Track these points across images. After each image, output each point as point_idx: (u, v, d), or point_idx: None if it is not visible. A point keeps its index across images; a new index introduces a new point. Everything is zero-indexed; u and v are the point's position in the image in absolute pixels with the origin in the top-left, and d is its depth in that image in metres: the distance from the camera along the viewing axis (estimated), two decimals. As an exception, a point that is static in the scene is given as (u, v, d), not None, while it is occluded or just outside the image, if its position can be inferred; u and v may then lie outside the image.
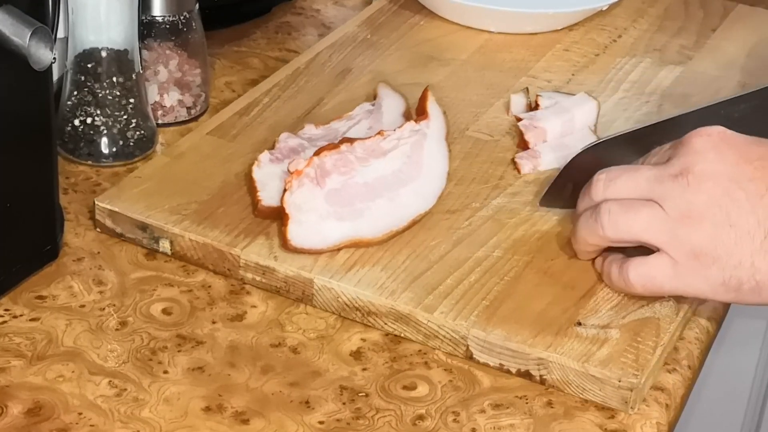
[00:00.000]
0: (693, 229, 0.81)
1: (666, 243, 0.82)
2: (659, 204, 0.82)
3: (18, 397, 0.78)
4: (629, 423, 0.80)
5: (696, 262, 0.81)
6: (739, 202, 0.80)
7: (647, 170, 0.84)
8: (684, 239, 0.81)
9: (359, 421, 0.78)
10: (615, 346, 0.82)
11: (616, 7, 1.27)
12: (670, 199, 0.82)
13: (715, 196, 0.81)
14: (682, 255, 0.81)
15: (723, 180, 0.81)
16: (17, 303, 0.85)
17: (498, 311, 0.84)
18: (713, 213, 0.81)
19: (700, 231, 0.81)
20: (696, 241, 0.81)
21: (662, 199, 0.82)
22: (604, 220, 0.84)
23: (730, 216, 0.80)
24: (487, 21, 1.20)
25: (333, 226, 0.89)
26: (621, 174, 0.85)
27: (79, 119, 0.99)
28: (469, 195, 0.96)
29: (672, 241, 0.82)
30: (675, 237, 0.81)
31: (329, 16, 1.27)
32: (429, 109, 0.98)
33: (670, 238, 0.82)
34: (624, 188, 0.84)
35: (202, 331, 0.84)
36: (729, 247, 0.80)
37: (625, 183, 0.84)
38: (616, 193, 0.84)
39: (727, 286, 0.81)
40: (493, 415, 0.79)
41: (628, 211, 0.83)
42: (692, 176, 0.81)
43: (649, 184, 0.83)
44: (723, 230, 0.80)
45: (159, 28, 1.04)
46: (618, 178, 0.85)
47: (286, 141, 0.97)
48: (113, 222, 0.91)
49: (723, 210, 0.81)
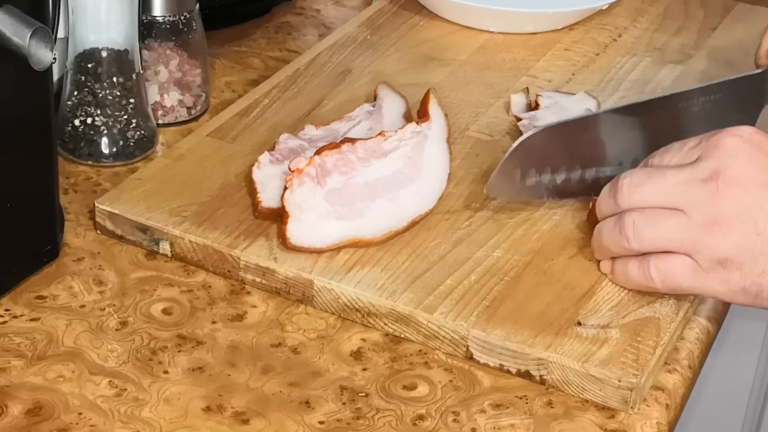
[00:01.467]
0: (720, 236, 0.80)
1: (691, 249, 0.81)
2: (685, 212, 0.81)
3: (18, 397, 0.78)
4: (629, 423, 0.80)
5: (720, 268, 0.81)
6: (767, 210, 0.80)
7: (674, 174, 0.82)
8: (710, 247, 0.80)
9: (359, 421, 0.78)
10: (615, 346, 0.82)
11: (616, 6, 1.27)
12: (698, 206, 0.81)
13: (744, 204, 0.80)
14: (706, 261, 0.81)
15: (753, 186, 0.80)
16: (17, 303, 0.85)
17: (498, 311, 0.84)
18: (741, 220, 0.80)
19: (727, 239, 0.80)
20: (722, 249, 0.80)
21: (690, 207, 0.81)
22: (629, 232, 0.83)
23: (758, 224, 0.80)
24: (487, 21, 1.20)
25: (333, 225, 0.89)
26: (646, 179, 0.83)
27: (79, 119, 0.99)
28: (469, 195, 0.96)
29: (697, 247, 0.81)
30: (701, 244, 0.81)
31: (329, 17, 1.27)
32: (431, 111, 0.98)
33: (695, 244, 0.81)
34: (650, 195, 0.83)
35: (203, 331, 0.84)
36: (755, 255, 0.80)
37: (652, 189, 0.83)
38: (642, 200, 0.83)
39: (746, 291, 0.81)
40: (493, 415, 0.79)
41: (654, 224, 0.82)
42: (722, 181, 0.80)
43: (676, 190, 0.81)
44: (749, 238, 0.80)
45: (159, 28, 1.05)
46: (643, 184, 0.83)
47: (286, 142, 0.97)
48: (113, 224, 0.91)
49: (751, 217, 0.80)
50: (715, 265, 0.81)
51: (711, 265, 0.81)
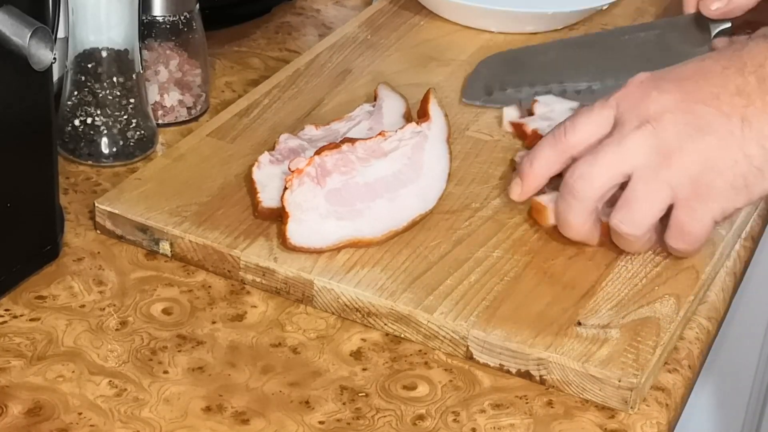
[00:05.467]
0: (681, 163, 0.82)
1: (669, 197, 0.83)
2: (637, 168, 0.83)
3: (18, 397, 0.78)
4: (629, 423, 0.80)
5: (703, 188, 0.82)
6: (701, 113, 0.82)
7: (609, 147, 0.84)
8: (681, 175, 0.82)
9: (359, 421, 0.78)
10: (615, 346, 0.82)
11: (616, 6, 1.27)
12: (645, 155, 0.83)
13: (681, 122, 0.82)
14: (687, 190, 0.83)
15: (677, 105, 0.83)
16: (17, 303, 0.85)
17: (498, 311, 0.84)
18: (688, 137, 0.82)
19: (688, 161, 0.82)
20: (691, 169, 0.82)
21: (638, 161, 0.83)
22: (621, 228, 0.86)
23: (703, 128, 0.82)
24: (487, 21, 1.20)
25: (333, 225, 0.89)
26: (590, 169, 0.85)
27: (79, 119, 0.99)
28: (469, 195, 0.96)
29: (673, 185, 0.83)
30: (673, 181, 0.83)
31: (329, 17, 1.27)
32: (431, 111, 0.98)
33: (668, 185, 0.83)
34: (600, 180, 0.85)
35: (202, 331, 0.84)
36: (719, 154, 0.82)
37: (599, 174, 0.84)
38: (597, 188, 0.85)
39: (736, 189, 0.82)
40: (493, 415, 0.79)
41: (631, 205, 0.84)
42: (652, 120, 0.83)
43: (618, 159, 0.84)
44: (705, 144, 0.82)
45: (159, 28, 1.05)
46: (590, 173, 0.85)
47: (286, 142, 0.97)
48: (113, 224, 0.92)
49: (694, 128, 0.82)
50: (696, 186, 0.82)
51: (694, 188, 0.82)
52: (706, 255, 0.91)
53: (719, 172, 0.82)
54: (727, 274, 0.93)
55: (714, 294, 0.91)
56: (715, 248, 0.92)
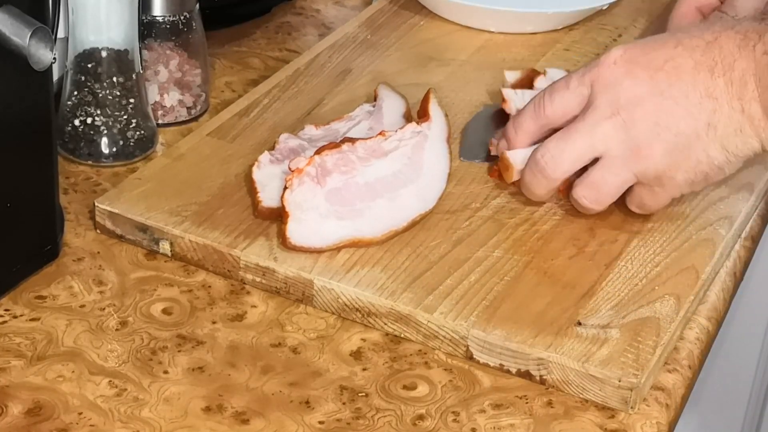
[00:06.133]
0: (649, 157, 0.86)
1: (633, 182, 0.88)
2: (607, 154, 0.87)
3: (18, 397, 0.78)
4: (629, 423, 0.80)
5: (665, 179, 0.87)
6: (672, 111, 0.85)
7: (579, 131, 0.87)
8: (646, 170, 0.87)
9: (359, 421, 0.78)
10: (615, 346, 0.82)
11: (616, 6, 1.27)
12: (615, 145, 0.86)
13: (651, 119, 0.85)
14: (652, 180, 0.88)
15: (649, 100, 0.86)
16: (17, 303, 0.85)
17: (498, 311, 0.84)
18: (657, 134, 0.86)
19: (656, 155, 0.86)
20: (657, 165, 0.86)
21: (609, 148, 0.87)
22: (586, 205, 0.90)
23: (671, 128, 0.85)
24: (487, 21, 1.20)
25: (333, 225, 0.89)
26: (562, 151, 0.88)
27: (79, 119, 0.99)
28: (469, 195, 0.96)
29: (636, 178, 0.88)
30: (639, 174, 0.87)
31: (329, 17, 1.27)
32: (431, 111, 0.98)
33: (634, 176, 0.88)
34: (570, 161, 0.88)
35: (202, 331, 0.84)
36: (685, 153, 0.86)
37: (569, 156, 0.88)
38: (567, 169, 0.89)
39: (696, 182, 0.88)
40: (493, 415, 0.79)
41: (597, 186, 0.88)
42: (622, 111, 0.86)
43: (589, 143, 0.87)
44: (672, 144, 0.86)
45: (159, 28, 1.05)
46: (561, 155, 0.88)
47: (286, 142, 0.97)
48: (113, 224, 0.91)
49: (663, 126, 0.85)
50: (660, 179, 0.87)
51: (657, 179, 0.87)
52: (706, 255, 0.91)
53: (683, 170, 0.87)
54: (727, 274, 0.93)
55: (714, 294, 0.91)
56: (715, 248, 0.92)
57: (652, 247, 0.91)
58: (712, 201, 0.97)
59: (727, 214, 0.95)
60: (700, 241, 0.92)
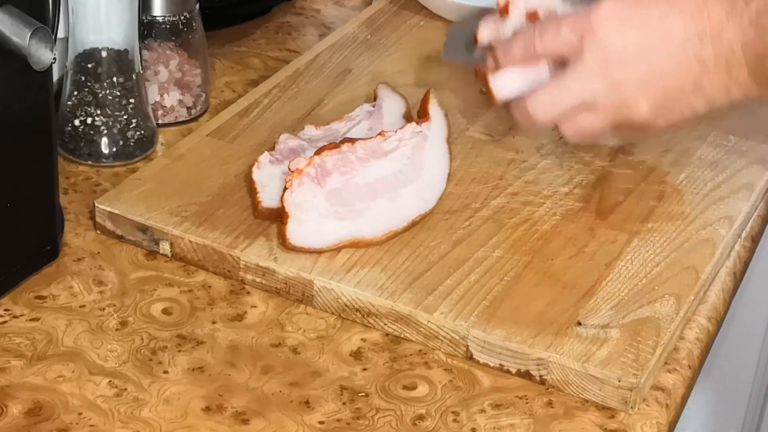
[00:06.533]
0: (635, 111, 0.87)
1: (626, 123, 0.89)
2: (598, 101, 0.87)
3: (18, 397, 0.78)
4: (629, 423, 0.80)
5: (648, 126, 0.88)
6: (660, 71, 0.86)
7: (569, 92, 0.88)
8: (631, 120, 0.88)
9: (359, 421, 0.78)
10: (615, 346, 0.82)
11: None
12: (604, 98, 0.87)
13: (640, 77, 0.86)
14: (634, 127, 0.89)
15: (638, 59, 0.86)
16: (17, 303, 0.85)
17: (498, 311, 0.84)
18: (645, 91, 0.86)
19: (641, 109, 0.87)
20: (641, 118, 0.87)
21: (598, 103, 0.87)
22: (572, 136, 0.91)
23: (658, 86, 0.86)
24: (487, 21, 1.20)
25: (333, 225, 0.89)
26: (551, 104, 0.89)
27: (79, 119, 0.99)
28: (469, 195, 0.96)
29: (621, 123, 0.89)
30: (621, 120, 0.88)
31: (329, 17, 1.27)
32: (430, 112, 0.98)
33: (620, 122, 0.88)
34: (557, 113, 0.89)
35: (202, 331, 0.84)
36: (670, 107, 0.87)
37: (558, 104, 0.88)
38: (551, 116, 0.89)
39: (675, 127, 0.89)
40: (493, 415, 0.79)
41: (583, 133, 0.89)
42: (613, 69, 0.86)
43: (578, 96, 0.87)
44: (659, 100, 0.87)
45: (159, 28, 1.05)
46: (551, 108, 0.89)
47: (286, 142, 0.97)
48: (113, 224, 0.91)
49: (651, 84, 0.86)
50: (644, 126, 0.88)
51: (641, 127, 0.88)
52: (706, 255, 0.91)
53: (666, 119, 0.88)
54: (727, 274, 0.93)
55: (714, 294, 0.91)
56: (715, 248, 0.92)
57: (652, 247, 0.91)
58: (712, 201, 0.97)
59: (727, 214, 0.95)
60: (700, 241, 0.92)
